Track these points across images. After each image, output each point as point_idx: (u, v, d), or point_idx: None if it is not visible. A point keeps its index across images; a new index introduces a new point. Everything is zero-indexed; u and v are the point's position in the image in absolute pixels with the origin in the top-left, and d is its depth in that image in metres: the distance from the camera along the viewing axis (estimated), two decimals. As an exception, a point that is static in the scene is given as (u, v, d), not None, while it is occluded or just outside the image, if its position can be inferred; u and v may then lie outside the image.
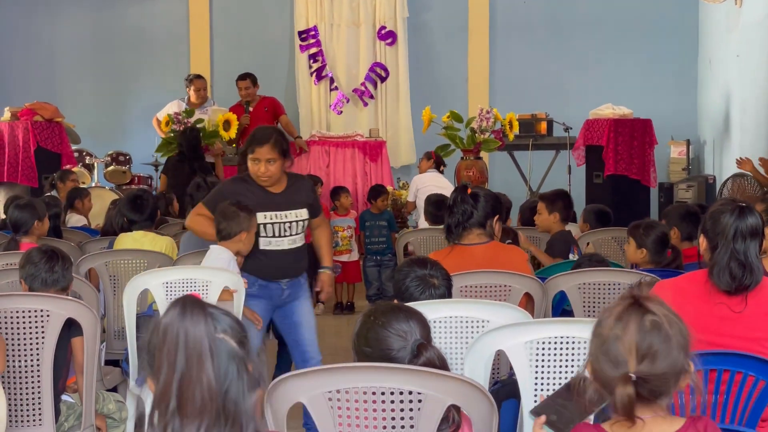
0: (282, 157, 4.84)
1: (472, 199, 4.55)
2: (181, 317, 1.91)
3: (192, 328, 1.90)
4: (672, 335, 2.20)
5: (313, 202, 5.09)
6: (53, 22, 12.89)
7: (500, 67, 12.66)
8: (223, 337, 1.92)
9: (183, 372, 1.88)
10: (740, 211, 3.35)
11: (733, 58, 10.75)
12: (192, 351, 1.89)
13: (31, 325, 3.86)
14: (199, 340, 1.89)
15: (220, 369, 1.90)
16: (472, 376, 3.01)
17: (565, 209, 6.26)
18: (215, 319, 1.93)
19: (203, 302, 1.95)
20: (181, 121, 9.73)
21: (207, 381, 1.88)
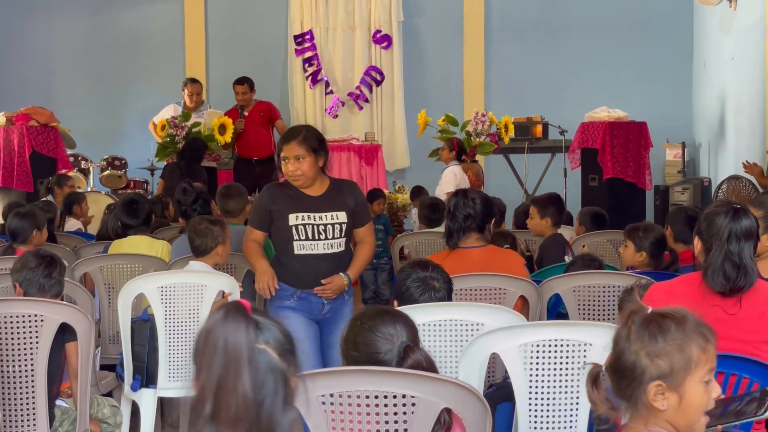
0: (313, 153, 4.61)
1: (473, 203, 4.55)
2: (223, 322, 1.87)
3: (232, 334, 1.85)
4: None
5: (357, 208, 4.75)
6: (48, 26, 12.88)
7: (495, 71, 12.66)
8: (264, 347, 1.87)
9: (220, 378, 1.85)
10: (735, 212, 3.36)
11: (728, 61, 10.77)
12: (230, 358, 1.85)
13: (25, 330, 3.85)
14: (237, 347, 1.85)
15: (257, 380, 1.85)
16: (467, 380, 3.01)
17: (557, 213, 6.25)
18: (259, 329, 1.88)
19: (247, 310, 1.90)
20: (178, 125, 9.72)
21: (243, 391, 1.84)
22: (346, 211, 4.71)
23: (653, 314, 2.23)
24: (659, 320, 2.21)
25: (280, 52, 12.87)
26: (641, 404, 2.20)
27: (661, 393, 2.18)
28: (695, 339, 2.19)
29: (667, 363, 2.18)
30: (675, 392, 2.18)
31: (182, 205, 5.88)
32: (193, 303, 4.75)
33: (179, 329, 4.76)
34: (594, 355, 3.23)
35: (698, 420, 2.22)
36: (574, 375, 3.24)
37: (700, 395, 2.19)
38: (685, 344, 2.18)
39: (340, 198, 4.72)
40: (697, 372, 2.19)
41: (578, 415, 3.28)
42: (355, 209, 4.74)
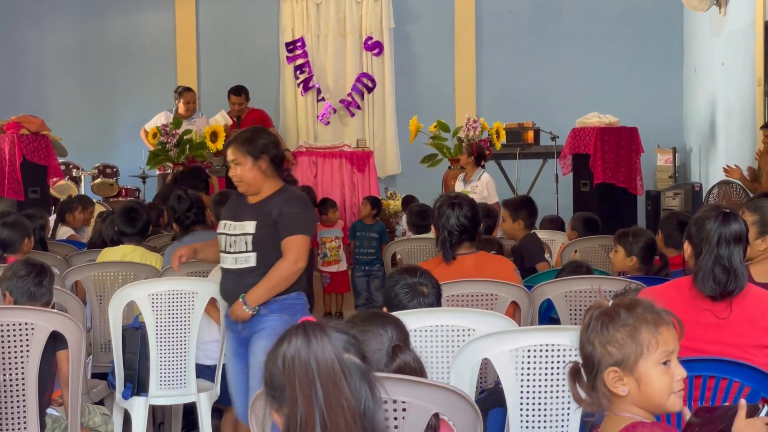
0: (250, 158, 4.33)
1: (467, 213, 4.53)
2: (307, 344, 1.82)
3: (321, 353, 1.82)
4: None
5: (280, 219, 4.32)
6: (39, 35, 12.86)
7: (487, 77, 12.68)
8: (348, 355, 1.85)
9: (324, 401, 1.80)
10: (724, 217, 3.37)
11: (718, 66, 10.80)
12: (327, 378, 1.81)
13: (15, 339, 3.83)
14: (330, 364, 1.81)
15: (356, 389, 1.83)
16: (458, 385, 3.01)
17: (529, 216, 6.27)
18: (336, 339, 1.85)
19: (323, 324, 1.86)
20: (169, 133, 9.71)
21: (348, 404, 1.81)
22: (258, 222, 4.34)
23: (609, 306, 2.31)
24: (611, 310, 2.29)
25: (272, 60, 12.87)
26: (604, 393, 2.27)
27: (619, 379, 2.26)
28: (644, 323, 2.26)
29: (618, 349, 2.25)
30: (632, 377, 2.26)
31: (176, 212, 5.87)
32: (184, 310, 4.75)
33: (170, 337, 4.75)
34: (585, 360, 3.23)
35: (666, 400, 2.28)
36: (565, 380, 3.24)
37: (658, 377, 2.26)
38: (635, 329, 2.25)
39: (264, 207, 4.38)
40: (651, 355, 2.26)
41: (569, 419, 3.28)
42: (279, 220, 4.32)
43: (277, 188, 4.41)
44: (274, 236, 4.32)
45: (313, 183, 10.28)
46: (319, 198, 9.43)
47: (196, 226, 5.82)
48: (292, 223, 4.33)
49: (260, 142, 4.39)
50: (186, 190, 6.22)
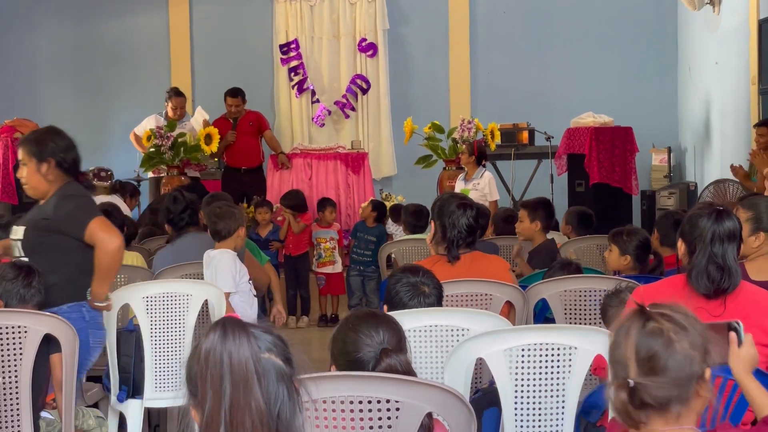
0: (34, 159, 4.24)
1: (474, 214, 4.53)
2: (223, 340, 1.81)
3: (235, 351, 1.80)
4: (676, 341, 2.14)
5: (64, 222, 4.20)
6: (33, 38, 12.85)
7: (481, 78, 12.68)
8: (268, 356, 1.83)
9: (230, 399, 1.79)
10: (718, 214, 3.37)
11: (712, 65, 10.81)
12: (238, 376, 1.80)
13: (8, 342, 3.82)
14: (243, 363, 1.80)
15: (269, 391, 1.81)
16: (452, 384, 3.00)
17: (547, 218, 6.26)
18: (257, 338, 1.83)
19: (244, 322, 1.85)
20: (164, 135, 9.70)
21: (256, 405, 1.79)
22: (27, 227, 4.26)
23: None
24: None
25: (266, 62, 12.86)
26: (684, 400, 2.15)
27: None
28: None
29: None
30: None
31: (171, 212, 5.86)
32: (179, 313, 4.74)
33: (165, 339, 4.74)
34: (579, 359, 3.23)
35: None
36: (560, 379, 3.24)
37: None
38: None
39: (36, 212, 4.30)
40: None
41: (564, 419, 3.28)
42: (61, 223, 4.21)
43: (60, 189, 4.29)
44: (42, 240, 4.23)
45: (308, 185, 10.28)
46: (315, 199, 9.42)
47: (189, 228, 5.82)
48: (76, 218, 4.23)
49: (49, 145, 4.29)
50: (182, 191, 6.21)
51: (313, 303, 8.88)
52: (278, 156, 10.42)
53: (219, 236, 5.16)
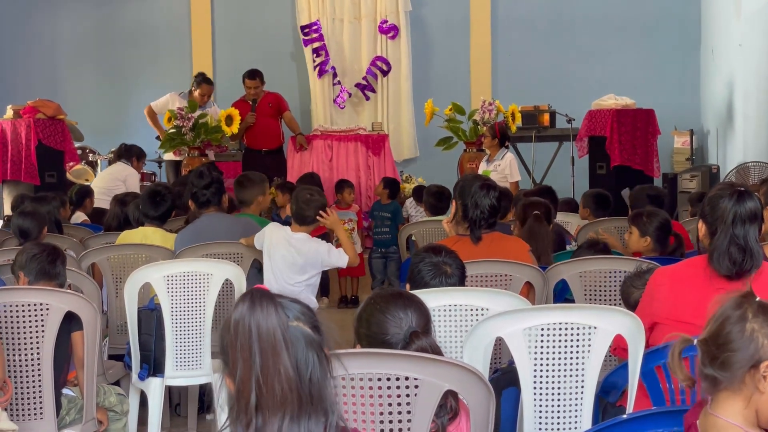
0: None
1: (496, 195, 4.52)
2: (251, 310, 1.87)
3: (263, 320, 1.86)
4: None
5: None
6: (54, 19, 12.91)
7: (502, 59, 12.63)
8: (297, 324, 1.89)
9: (260, 366, 1.85)
10: (739, 195, 3.33)
11: (736, 48, 10.72)
12: (266, 344, 1.85)
13: (31, 319, 3.86)
14: (272, 331, 1.85)
15: (299, 358, 1.86)
16: (472, 364, 2.99)
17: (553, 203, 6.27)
18: (285, 308, 1.89)
19: (272, 293, 1.90)
20: (185, 116, 9.72)
21: (285, 372, 1.84)
22: None
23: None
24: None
25: (287, 43, 12.86)
26: (740, 383, 2.16)
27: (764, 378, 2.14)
28: None
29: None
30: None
31: (194, 186, 5.89)
32: (200, 292, 4.76)
33: (186, 318, 4.77)
34: (599, 339, 3.23)
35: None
36: (579, 358, 3.24)
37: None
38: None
39: None
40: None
41: (583, 398, 3.27)
42: None
43: None
44: None
45: (328, 167, 10.28)
46: (336, 181, 9.43)
47: (211, 206, 5.83)
48: None
49: None
50: (209, 167, 6.26)
51: (332, 284, 8.89)
52: (296, 137, 10.43)
53: (304, 222, 5.28)
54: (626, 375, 3.23)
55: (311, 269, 5.23)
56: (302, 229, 5.29)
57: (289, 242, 5.23)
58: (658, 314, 3.37)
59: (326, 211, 5.29)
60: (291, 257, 5.22)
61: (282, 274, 5.21)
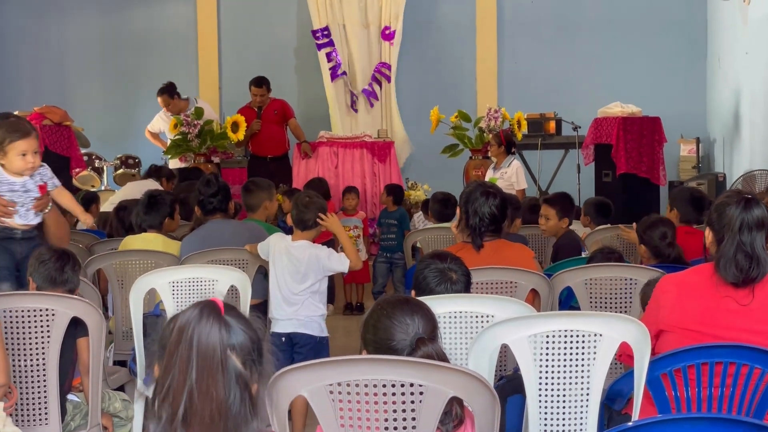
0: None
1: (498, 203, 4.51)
2: (198, 321, 1.83)
3: (205, 335, 1.82)
4: None
5: None
6: (62, 26, 12.95)
7: (508, 67, 12.64)
8: (231, 354, 1.84)
9: (195, 380, 1.81)
10: (746, 202, 3.33)
11: (742, 55, 10.71)
12: (204, 361, 1.81)
13: (36, 324, 3.85)
14: (211, 349, 1.81)
15: (230, 383, 1.82)
16: (477, 371, 2.99)
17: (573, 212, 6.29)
18: (230, 332, 1.84)
19: (226, 310, 1.86)
20: (191, 123, 9.75)
21: (217, 395, 1.80)
22: None
23: None
24: None
25: (293, 50, 12.88)
26: None
27: None
28: None
29: None
30: None
31: (201, 194, 5.91)
32: (205, 297, 4.73)
33: (191, 324, 4.75)
34: (604, 346, 3.21)
35: None
36: (585, 366, 3.23)
37: None
38: None
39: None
40: None
41: (589, 406, 3.26)
42: None
43: None
44: None
45: (334, 173, 10.29)
46: (341, 188, 9.43)
47: (217, 213, 5.86)
48: None
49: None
50: (216, 175, 6.29)
51: (338, 291, 8.89)
52: (301, 144, 10.44)
53: (304, 226, 5.24)
54: (632, 382, 3.22)
55: (312, 276, 5.19)
56: (303, 236, 5.25)
57: (289, 251, 5.21)
58: (664, 322, 3.36)
59: (326, 214, 5.28)
60: (292, 266, 5.20)
61: (286, 284, 5.21)
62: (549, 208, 6.19)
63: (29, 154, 4.36)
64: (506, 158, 8.90)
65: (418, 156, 12.37)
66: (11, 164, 4.36)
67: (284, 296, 5.13)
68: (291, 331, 5.15)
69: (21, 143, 4.32)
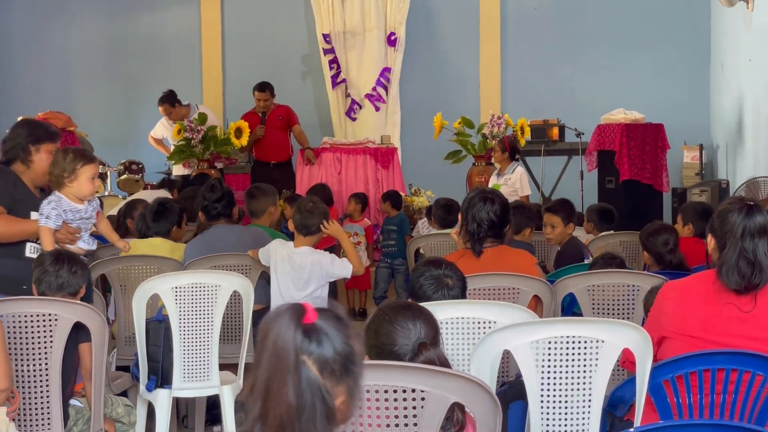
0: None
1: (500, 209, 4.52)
2: (275, 319, 1.81)
3: (281, 335, 1.79)
4: None
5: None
6: (66, 32, 12.97)
7: (511, 73, 12.64)
8: (305, 359, 1.79)
9: (268, 379, 1.79)
10: (748, 209, 3.33)
11: (746, 63, 10.71)
12: (278, 359, 1.78)
13: (39, 329, 3.86)
14: (285, 350, 1.78)
15: (304, 392, 1.77)
16: (479, 377, 2.99)
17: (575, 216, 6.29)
18: (309, 338, 1.80)
19: (306, 315, 1.81)
20: (194, 129, 9.77)
21: (286, 398, 1.77)
22: None
23: None
24: None
25: (298, 56, 12.89)
26: None
27: None
28: None
29: None
30: None
31: (205, 200, 5.93)
32: (208, 303, 4.76)
33: (194, 329, 4.76)
34: (606, 353, 3.22)
35: None
36: (587, 372, 3.23)
37: None
38: None
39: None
40: None
41: (591, 412, 3.26)
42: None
43: None
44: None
45: (337, 179, 10.29)
46: (345, 194, 9.44)
47: (221, 219, 5.88)
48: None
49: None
50: (220, 181, 6.31)
51: (340, 297, 8.89)
52: (304, 151, 10.46)
53: (307, 231, 5.26)
54: (634, 389, 3.22)
55: (315, 282, 5.20)
56: (305, 241, 5.27)
57: (291, 257, 5.22)
58: (667, 328, 3.36)
59: (329, 220, 5.30)
60: (294, 272, 5.21)
61: (288, 290, 5.21)
62: (553, 216, 6.19)
63: (96, 179, 4.52)
64: (510, 164, 8.91)
65: (421, 162, 12.36)
66: (81, 188, 4.49)
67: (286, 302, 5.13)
68: None
69: (89, 168, 4.48)
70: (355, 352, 1.85)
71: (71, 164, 4.47)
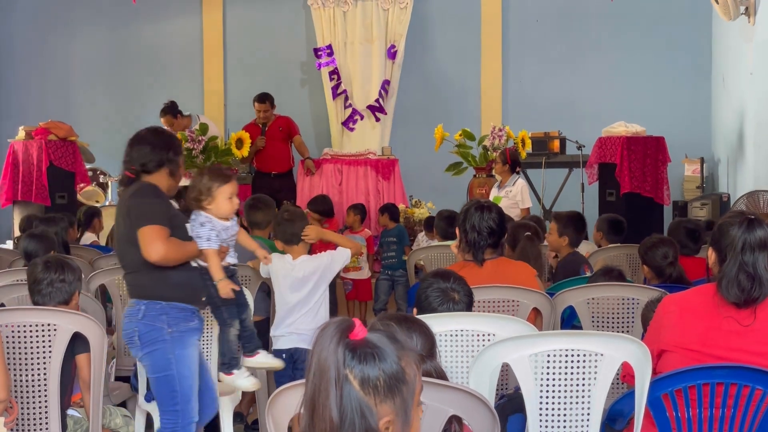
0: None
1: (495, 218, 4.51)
2: (324, 333, 1.79)
3: (324, 349, 1.78)
4: None
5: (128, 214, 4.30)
6: (68, 42, 12.99)
7: (513, 86, 12.65)
8: (348, 374, 1.77)
9: (314, 392, 1.78)
10: (749, 223, 3.33)
11: (747, 76, 10.72)
12: (320, 374, 1.77)
13: (38, 339, 3.86)
14: (327, 365, 1.76)
15: (346, 408, 1.75)
16: (477, 389, 2.99)
17: (576, 233, 6.22)
18: (355, 355, 1.77)
19: (352, 330, 1.79)
20: (195, 139, 9.77)
21: (329, 413, 1.75)
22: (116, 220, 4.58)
23: None
24: None
25: (298, 67, 12.91)
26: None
27: None
28: None
29: None
30: None
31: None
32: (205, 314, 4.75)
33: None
34: (605, 366, 3.21)
35: None
36: (586, 385, 3.22)
37: None
38: None
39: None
40: None
41: (589, 426, 3.25)
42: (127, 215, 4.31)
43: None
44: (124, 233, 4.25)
45: (338, 191, 10.30)
46: (345, 205, 9.44)
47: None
48: (135, 216, 4.20)
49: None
50: None
51: (340, 309, 8.88)
52: (304, 161, 10.46)
53: (297, 239, 5.27)
54: (633, 402, 3.21)
55: (324, 284, 5.23)
56: (301, 249, 5.26)
57: (294, 270, 5.21)
58: (666, 342, 3.35)
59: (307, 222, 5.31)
60: (299, 283, 5.21)
61: (291, 304, 5.21)
62: (553, 223, 6.24)
63: (234, 197, 4.48)
64: (511, 177, 8.91)
65: (422, 174, 12.36)
66: (220, 208, 4.44)
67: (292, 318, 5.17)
68: (291, 346, 5.15)
69: (227, 187, 4.44)
70: (406, 372, 1.82)
71: (207, 185, 4.40)
